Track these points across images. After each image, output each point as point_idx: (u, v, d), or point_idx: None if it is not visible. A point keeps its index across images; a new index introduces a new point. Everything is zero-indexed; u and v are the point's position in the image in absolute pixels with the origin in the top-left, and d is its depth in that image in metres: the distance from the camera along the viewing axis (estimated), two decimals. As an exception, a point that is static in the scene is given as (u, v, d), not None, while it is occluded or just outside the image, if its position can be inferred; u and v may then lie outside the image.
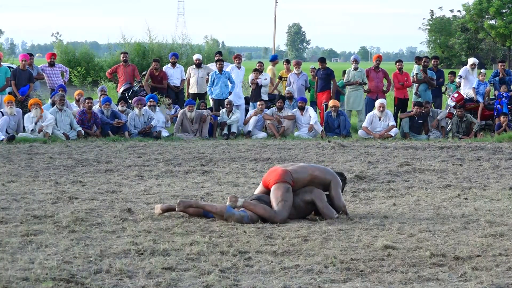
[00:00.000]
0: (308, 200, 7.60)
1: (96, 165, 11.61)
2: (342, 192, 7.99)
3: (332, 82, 17.82)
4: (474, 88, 17.73)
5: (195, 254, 6.05)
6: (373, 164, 12.02)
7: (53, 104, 16.02)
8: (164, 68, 18.75)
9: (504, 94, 17.26)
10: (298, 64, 18.71)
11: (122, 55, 18.82)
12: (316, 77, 18.01)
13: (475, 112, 17.35)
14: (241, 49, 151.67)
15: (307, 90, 18.99)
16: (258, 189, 7.88)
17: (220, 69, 17.26)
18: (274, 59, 20.29)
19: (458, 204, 8.58)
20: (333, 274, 5.55)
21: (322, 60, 18.44)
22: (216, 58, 17.94)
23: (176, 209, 7.48)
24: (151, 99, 16.48)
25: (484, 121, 17.31)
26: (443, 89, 18.93)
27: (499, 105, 17.21)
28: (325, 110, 17.05)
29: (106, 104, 16.00)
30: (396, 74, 17.97)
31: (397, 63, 18.27)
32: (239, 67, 17.95)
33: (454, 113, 17.09)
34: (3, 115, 15.03)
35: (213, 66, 18.62)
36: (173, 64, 18.61)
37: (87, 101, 15.74)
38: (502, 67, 18.11)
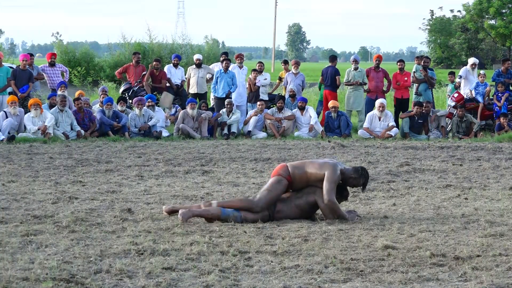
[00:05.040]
0: (312, 201, 7.56)
1: (96, 165, 11.61)
2: (364, 188, 7.74)
3: (337, 79, 17.85)
4: (471, 90, 17.72)
5: (195, 254, 6.04)
6: (373, 164, 12.02)
7: (50, 105, 16.04)
8: (166, 68, 18.79)
9: (500, 94, 17.23)
10: (296, 64, 18.70)
11: (134, 56, 18.67)
12: (324, 75, 17.92)
13: (475, 112, 17.35)
14: (241, 49, 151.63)
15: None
16: None
17: (226, 68, 17.26)
18: None
19: (458, 204, 8.57)
20: (333, 274, 5.55)
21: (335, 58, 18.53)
22: (222, 58, 17.91)
23: (180, 222, 7.30)
24: (149, 99, 16.49)
25: (484, 121, 17.30)
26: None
27: (497, 107, 17.19)
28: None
29: (108, 105, 16.03)
30: (396, 75, 17.97)
31: (398, 63, 18.22)
32: (240, 67, 17.93)
33: (454, 113, 17.09)
34: (6, 115, 15.07)
35: (215, 67, 18.64)
36: (175, 66, 18.66)
37: (75, 102, 15.83)
38: (506, 66, 17.88)
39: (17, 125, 15.24)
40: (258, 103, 17.11)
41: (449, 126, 17.15)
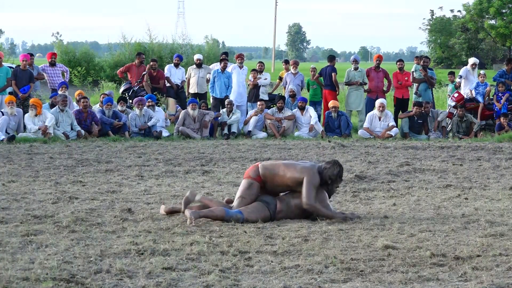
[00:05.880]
0: None
1: (96, 165, 11.61)
2: (340, 178, 7.61)
3: (332, 76, 17.87)
4: (471, 90, 17.69)
5: (195, 254, 6.04)
6: (373, 164, 12.02)
7: (51, 105, 16.05)
8: (167, 67, 18.80)
9: (500, 94, 17.20)
10: (295, 64, 18.71)
11: (139, 57, 18.50)
12: (323, 75, 17.99)
13: (475, 112, 17.34)
14: (241, 49, 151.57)
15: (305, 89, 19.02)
16: None
17: (223, 68, 17.27)
18: None
19: (458, 204, 8.57)
20: (333, 274, 5.55)
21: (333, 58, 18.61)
22: (221, 58, 17.90)
23: (188, 222, 7.25)
24: (149, 99, 16.50)
25: (484, 121, 17.29)
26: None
27: (497, 107, 17.16)
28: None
29: (108, 105, 16.06)
30: (396, 74, 17.97)
31: (398, 63, 18.21)
32: (241, 67, 17.94)
33: (454, 113, 17.08)
34: (3, 115, 15.06)
35: (215, 67, 18.63)
36: (176, 65, 18.66)
37: (82, 100, 15.81)
38: (511, 66, 17.76)
39: (15, 125, 15.21)
40: (258, 103, 17.11)
41: (449, 126, 17.14)
